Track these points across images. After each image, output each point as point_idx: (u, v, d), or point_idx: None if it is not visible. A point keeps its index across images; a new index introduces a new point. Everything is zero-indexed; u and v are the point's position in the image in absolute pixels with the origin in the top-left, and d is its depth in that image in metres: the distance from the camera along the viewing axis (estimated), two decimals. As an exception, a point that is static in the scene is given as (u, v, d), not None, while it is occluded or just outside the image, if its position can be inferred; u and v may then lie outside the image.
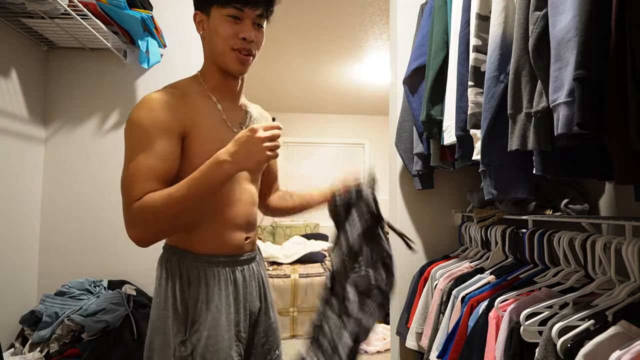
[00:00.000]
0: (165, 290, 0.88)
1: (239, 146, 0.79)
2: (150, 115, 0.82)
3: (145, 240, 0.81)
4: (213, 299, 0.88)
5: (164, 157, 0.82)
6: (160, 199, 0.78)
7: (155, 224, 0.80)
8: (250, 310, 0.97)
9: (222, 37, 0.88)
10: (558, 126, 0.74)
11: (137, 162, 0.80)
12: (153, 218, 0.78)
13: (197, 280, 0.88)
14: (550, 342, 0.81)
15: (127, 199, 0.79)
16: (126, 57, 1.74)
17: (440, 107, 1.36)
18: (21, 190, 1.58)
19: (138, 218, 0.79)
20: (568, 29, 0.72)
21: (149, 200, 0.78)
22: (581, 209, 1.24)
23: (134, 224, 0.79)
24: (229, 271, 0.93)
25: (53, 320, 1.42)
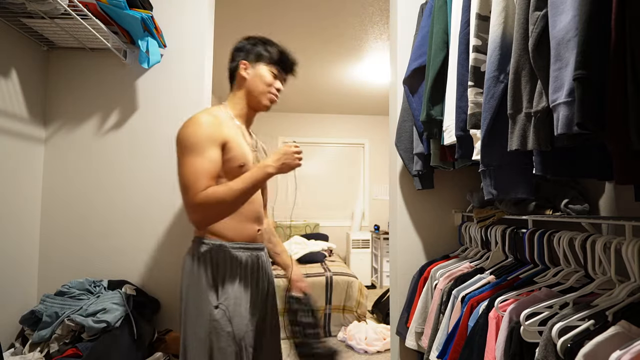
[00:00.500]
0: (198, 272, 1.16)
1: (281, 156, 1.15)
2: (201, 130, 1.12)
3: (205, 222, 1.14)
4: (236, 275, 1.19)
5: (214, 160, 1.12)
6: (223, 191, 1.08)
7: (218, 209, 1.09)
8: (262, 289, 1.28)
9: (266, 82, 1.29)
10: (558, 126, 0.74)
11: (196, 164, 1.09)
12: (217, 204, 1.08)
13: (224, 263, 1.18)
14: (550, 342, 0.81)
15: (192, 190, 1.07)
16: (126, 57, 1.74)
17: (440, 107, 1.36)
18: (21, 190, 1.58)
19: (204, 205, 1.07)
20: (568, 29, 0.72)
21: (213, 191, 1.08)
22: (581, 209, 1.24)
23: (198, 210, 1.08)
24: (247, 255, 1.22)
25: (53, 320, 1.42)
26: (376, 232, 5.24)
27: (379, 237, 5.03)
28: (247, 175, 1.12)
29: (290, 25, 2.92)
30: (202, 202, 1.06)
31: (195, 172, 1.08)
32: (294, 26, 2.94)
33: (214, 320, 1.12)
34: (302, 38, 3.14)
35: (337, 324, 3.25)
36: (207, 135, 1.12)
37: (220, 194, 1.08)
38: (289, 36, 3.10)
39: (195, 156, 1.10)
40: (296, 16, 2.78)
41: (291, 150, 1.16)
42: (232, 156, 1.17)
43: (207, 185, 1.08)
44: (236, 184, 1.09)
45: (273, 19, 2.82)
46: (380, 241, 4.97)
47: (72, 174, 1.73)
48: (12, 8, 1.34)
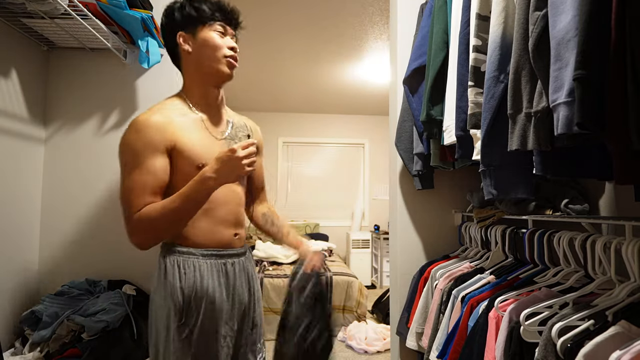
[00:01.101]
0: (165, 282, 1.00)
1: (221, 164, 0.92)
2: (138, 137, 0.96)
3: (145, 246, 0.96)
4: (207, 286, 1.01)
5: (154, 172, 0.95)
6: (155, 211, 0.92)
7: (153, 232, 0.95)
8: (240, 301, 1.08)
9: (215, 47, 1.04)
10: (558, 126, 0.74)
11: (133, 179, 0.94)
12: (150, 227, 0.93)
13: (192, 271, 1.00)
14: (550, 342, 0.81)
15: (127, 211, 0.93)
16: (126, 57, 1.74)
17: (440, 107, 1.36)
18: (21, 190, 1.58)
19: (138, 228, 0.93)
20: (568, 29, 0.72)
21: (146, 212, 0.92)
22: (581, 209, 1.24)
23: (134, 233, 0.94)
24: (221, 263, 1.05)
25: (53, 320, 1.42)
26: (376, 232, 5.24)
27: (379, 237, 5.03)
28: (184, 190, 0.93)
29: (290, 25, 2.92)
30: (136, 225, 0.92)
31: (131, 189, 0.93)
32: (294, 26, 2.94)
33: (176, 341, 0.96)
34: (302, 38, 3.14)
35: (337, 324, 3.25)
36: (145, 142, 0.94)
37: (153, 215, 0.92)
38: (289, 36, 3.10)
39: (132, 169, 0.94)
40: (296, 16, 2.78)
41: (236, 156, 0.92)
42: (186, 159, 0.99)
43: (144, 204, 0.93)
44: (172, 202, 0.93)
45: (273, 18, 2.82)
46: (380, 241, 4.97)
47: (72, 174, 1.73)
48: (12, 8, 1.34)
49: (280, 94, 4.68)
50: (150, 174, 0.95)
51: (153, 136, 0.96)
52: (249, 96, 4.73)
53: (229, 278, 1.06)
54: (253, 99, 4.88)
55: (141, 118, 0.98)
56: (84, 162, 1.74)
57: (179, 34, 1.05)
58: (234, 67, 1.08)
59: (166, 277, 1.00)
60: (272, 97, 4.82)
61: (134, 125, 0.97)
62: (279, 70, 3.88)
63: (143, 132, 0.96)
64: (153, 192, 0.95)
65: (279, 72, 3.94)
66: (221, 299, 1.03)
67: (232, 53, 1.06)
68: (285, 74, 4.02)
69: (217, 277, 1.03)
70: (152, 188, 0.94)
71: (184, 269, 1.00)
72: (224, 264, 1.06)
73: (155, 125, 0.97)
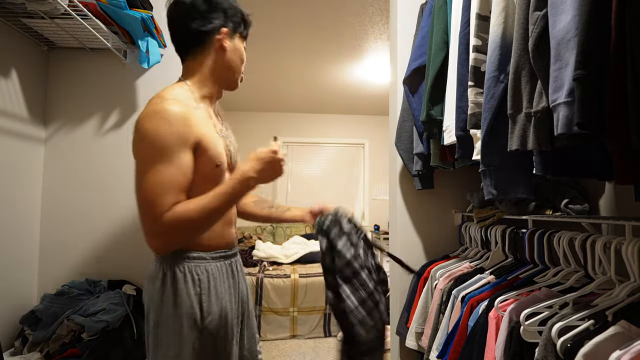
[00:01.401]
0: (175, 290, 0.92)
1: (264, 165, 0.90)
2: (169, 128, 0.86)
3: (168, 249, 0.89)
4: (221, 289, 0.98)
5: (184, 169, 0.87)
6: (193, 211, 0.84)
7: (186, 234, 0.87)
8: (242, 299, 1.08)
9: (242, 60, 1.06)
10: (558, 126, 0.74)
11: (161, 174, 0.84)
12: (185, 228, 0.85)
13: (206, 276, 0.96)
14: (550, 342, 0.81)
15: (153, 210, 0.83)
16: (126, 57, 1.74)
17: (440, 107, 1.36)
18: (21, 190, 1.58)
19: (168, 229, 0.83)
20: (568, 29, 0.72)
21: (182, 212, 0.84)
22: (581, 209, 1.24)
23: (161, 235, 0.84)
24: (227, 264, 1.03)
25: (53, 320, 1.42)
26: (376, 232, 5.24)
27: (379, 237, 5.03)
28: (224, 189, 0.88)
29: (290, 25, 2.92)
30: (168, 225, 0.83)
31: (159, 185, 0.83)
32: (294, 26, 2.94)
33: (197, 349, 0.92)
34: (302, 38, 3.14)
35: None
36: (177, 135, 0.86)
37: (191, 215, 0.84)
38: (289, 36, 3.10)
39: (159, 163, 0.84)
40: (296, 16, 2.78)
41: (278, 158, 0.91)
42: (208, 157, 0.93)
43: (173, 203, 0.84)
44: (212, 201, 0.86)
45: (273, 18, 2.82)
46: (380, 241, 4.97)
47: (72, 174, 1.73)
48: (12, 8, 1.34)
49: (280, 94, 4.68)
50: (180, 169, 0.86)
51: (184, 129, 0.88)
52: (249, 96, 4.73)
53: (234, 278, 1.05)
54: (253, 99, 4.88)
55: (168, 107, 0.88)
56: (84, 162, 1.74)
57: (224, 28, 1.00)
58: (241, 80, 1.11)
59: (176, 285, 0.93)
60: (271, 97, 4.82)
61: (162, 114, 0.86)
62: (279, 70, 3.88)
63: (174, 124, 0.86)
64: (182, 190, 0.86)
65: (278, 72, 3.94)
66: (231, 300, 1.01)
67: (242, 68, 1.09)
68: (285, 74, 4.02)
69: (227, 278, 1.01)
70: (181, 186, 0.86)
71: (197, 274, 0.94)
72: (229, 264, 1.04)
73: (185, 117, 0.89)
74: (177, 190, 0.85)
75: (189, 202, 0.86)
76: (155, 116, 0.87)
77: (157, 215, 0.82)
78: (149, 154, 0.85)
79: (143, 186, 0.84)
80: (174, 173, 0.85)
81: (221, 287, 0.99)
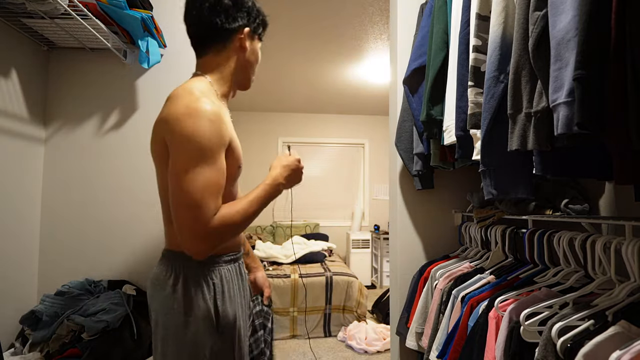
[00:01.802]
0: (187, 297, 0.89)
1: (291, 172, 0.99)
2: (212, 129, 0.83)
3: (210, 253, 0.84)
4: (233, 292, 0.97)
5: (224, 171, 0.86)
6: (239, 215, 0.85)
7: (229, 237, 0.86)
8: (247, 300, 1.08)
9: (258, 62, 1.06)
10: (558, 126, 0.74)
11: (207, 177, 0.81)
12: (230, 232, 0.84)
13: (220, 280, 0.94)
14: (550, 342, 0.81)
15: (200, 214, 0.79)
16: (126, 57, 1.74)
17: (440, 107, 1.36)
18: (21, 190, 1.59)
19: (216, 232, 0.81)
20: (568, 29, 0.72)
21: (228, 216, 0.83)
22: (581, 209, 1.24)
23: (207, 238, 0.81)
24: (236, 266, 1.02)
25: (53, 320, 1.42)
26: (376, 232, 5.24)
27: (379, 237, 5.03)
28: (260, 194, 0.91)
29: (290, 25, 2.92)
30: (216, 229, 0.81)
31: (208, 187, 0.81)
32: (294, 26, 2.94)
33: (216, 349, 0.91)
34: (302, 38, 3.14)
35: (337, 324, 3.25)
36: (217, 136, 0.84)
37: (237, 218, 0.84)
38: (289, 36, 3.10)
39: (204, 164, 0.81)
40: (296, 16, 2.78)
41: (301, 167, 1.01)
42: (235, 158, 0.93)
43: (218, 207, 0.83)
44: (251, 206, 0.88)
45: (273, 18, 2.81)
46: (380, 241, 4.97)
47: (72, 174, 1.73)
48: (12, 8, 1.34)
49: (280, 94, 4.68)
50: (221, 171, 0.85)
51: (224, 130, 0.86)
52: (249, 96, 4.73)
53: (243, 279, 1.04)
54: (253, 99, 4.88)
55: (206, 106, 0.84)
56: (84, 162, 1.74)
57: (246, 28, 0.98)
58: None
59: (189, 290, 0.90)
60: (272, 97, 4.82)
61: (203, 114, 0.83)
62: (279, 70, 3.88)
63: (217, 124, 0.84)
64: (221, 194, 0.85)
65: (279, 72, 3.94)
66: (241, 302, 1.00)
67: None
68: (286, 74, 4.02)
69: (237, 280, 1.00)
70: (221, 190, 0.85)
71: (211, 279, 0.92)
72: (238, 265, 1.03)
73: (221, 118, 0.86)
74: (220, 193, 0.84)
75: (232, 206, 0.85)
76: (193, 115, 0.82)
77: (205, 219, 0.80)
78: (192, 156, 0.81)
79: (186, 189, 0.80)
80: (217, 175, 0.83)
81: (233, 290, 0.97)
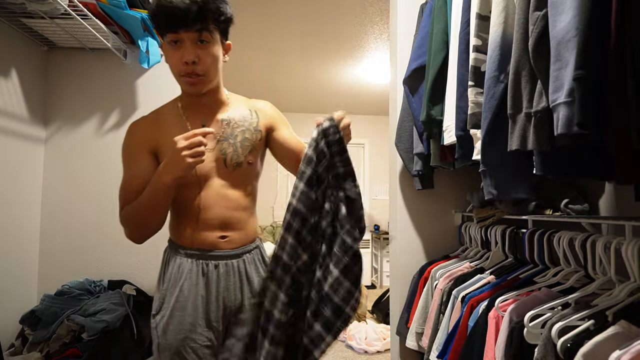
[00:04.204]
0: (160, 273, 1.08)
1: (169, 158, 0.90)
2: (128, 140, 1.03)
3: (132, 238, 1.01)
4: (184, 284, 1.02)
5: (137, 172, 0.99)
6: (130, 208, 0.97)
7: (131, 227, 0.99)
8: (226, 303, 1.05)
9: (171, 65, 0.97)
10: (558, 126, 0.74)
11: (124, 179, 1.01)
12: (126, 222, 0.99)
13: (175, 267, 1.04)
14: (549, 342, 0.81)
15: (119, 207, 1.01)
16: (126, 57, 1.74)
17: (440, 107, 1.36)
18: (21, 190, 1.58)
19: (122, 223, 1.00)
20: (568, 29, 0.72)
21: (126, 209, 0.98)
22: (581, 209, 1.24)
23: (123, 227, 1.00)
24: (203, 263, 1.04)
25: (53, 320, 1.42)
26: (376, 232, 5.24)
27: (379, 237, 5.03)
28: (149, 185, 0.95)
29: (290, 25, 2.91)
30: (122, 220, 0.99)
31: (122, 185, 1.01)
32: (294, 26, 2.94)
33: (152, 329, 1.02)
34: (302, 38, 3.14)
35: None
36: (131, 144, 1.01)
37: (129, 212, 0.97)
38: (289, 36, 3.10)
39: (124, 169, 1.02)
40: (296, 16, 2.78)
41: (177, 147, 0.87)
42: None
43: (127, 202, 0.98)
44: (139, 199, 0.95)
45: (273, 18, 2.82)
46: (380, 241, 4.97)
47: (72, 174, 1.73)
48: (12, 8, 1.34)
49: (279, 93, 4.68)
50: (134, 173, 1.00)
51: (137, 138, 1.02)
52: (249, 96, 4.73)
53: (209, 279, 1.03)
54: (253, 99, 4.88)
55: (134, 122, 1.05)
56: (84, 162, 1.74)
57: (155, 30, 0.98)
58: (195, 84, 0.97)
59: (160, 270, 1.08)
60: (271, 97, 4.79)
61: (129, 129, 1.05)
62: (279, 70, 3.88)
63: (133, 134, 1.03)
64: (136, 191, 0.97)
65: (278, 72, 3.94)
66: (196, 298, 1.01)
67: (186, 69, 0.93)
68: (285, 74, 4.02)
69: (196, 276, 1.03)
70: (135, 187, 0.97)
71: (168, 264, 1.06)
72: (206, 264, 1.04)
73: (141, 128, 1.03)
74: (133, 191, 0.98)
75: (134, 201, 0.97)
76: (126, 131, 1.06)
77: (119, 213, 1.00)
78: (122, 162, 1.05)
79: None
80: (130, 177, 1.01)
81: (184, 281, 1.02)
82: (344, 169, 0.90)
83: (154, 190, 0.93)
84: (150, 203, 0.95)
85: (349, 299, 0.86)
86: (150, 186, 0.94)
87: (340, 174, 0.90)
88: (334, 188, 0.89)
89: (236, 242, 1.08)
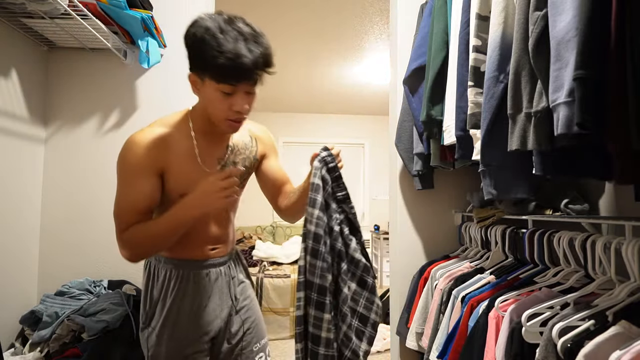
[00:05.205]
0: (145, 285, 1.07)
1: (202, 195, 0.91)
2: (131, 155, 0.95)
3: (133, 260, 0.97)
4: (175, 293, 1.04)
5: (143, 193, 0.96)
6: (141, 233, 0.94)
7: (138, 251, 0.96)
8: (217, 307, 1.09)
9: (217, 109, 0.93)
10: (558, 126, 0.74)
11: (123, 197, 0.97)
12: (135, 246, 0.95)
13: (164, 278, 1.05)
14: (550, 342, 0.81)
15: (117, 227, 0.96)
16: (126, 57, 1.74)
17: (440, 107, 1.36)
18: (21, 190, 1.58)
19: (125, 245, 0.95)
20: (568, 29, 0.72)
21: (134, 232, 0.94)
22: (581, 209, 1.24)
23: (123, 248, 0.96)
24: (193, 273, 1.06)
25: (53, 320, 1.42)
26: (376, 232, 5.23)
27: (379, 237, 5.02)
28: (168, 215, 0.93)
29: (290, 25, 2.92)
30: (123, 242, 0.95)
31: (121, 206, 0.96)
32: (294, 26, 2.94)
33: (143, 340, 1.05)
34: (302, 38, 3.14)
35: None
36: (137, 162, 0.94)
37: (139, 236, 0.94)
38: (289, 36, 3.10)
39: (123, 186, 0.97)
40: (296, 16, 2.78)
41: (214, 188, 0.89)
42: (172, 186, 0.98)
43: (132, 222, 0.94)
44: (156, 225, 0.94)
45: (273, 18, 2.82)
46: (380, 241, 4.97)
47: (72, 174, 1.73)
48: (12, 8, 1.34)
49: (280, 94, 4.68)
50: (140, 194, 0.95)
51: (144, 157, 0.95)
52: (249, 96, 4.73)
53: (200, 286, 1.06)
54: (253, 99, 4.88)
55: (137, 136, 0.96)
56: (84, 162, 1.74)
57: (189, 73, 0.93)
58: (238, 128, 0.98)
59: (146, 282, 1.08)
60: (272, 97, 4.82)
61: (129, 142, 0.96)
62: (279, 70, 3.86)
63: (135, 152, 0.95)
64: (140, 212, 0.95)
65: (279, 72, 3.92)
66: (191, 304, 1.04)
67: (236, 116, 0.93)
68: (285, 74, 4.02)
69: (186, 284, 1.05)
70: (139, 209, 0.95)
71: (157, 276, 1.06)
72: (196, 273, 1.06)
73: (148, 146, 0.95)
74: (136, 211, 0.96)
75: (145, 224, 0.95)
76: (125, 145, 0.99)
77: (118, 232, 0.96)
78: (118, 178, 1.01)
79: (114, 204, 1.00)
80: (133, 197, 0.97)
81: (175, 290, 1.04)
82: (341, 193, 1.03)
83: (177, 220, 0.93)
84: (170, 233, 0.94)
85: (370, 306, 0.99)
86: (173, 216, 0.93)
87: (340, 198, 1.03)
88: (337, 211, 1.01)
89: (224, 251, 1.14)
